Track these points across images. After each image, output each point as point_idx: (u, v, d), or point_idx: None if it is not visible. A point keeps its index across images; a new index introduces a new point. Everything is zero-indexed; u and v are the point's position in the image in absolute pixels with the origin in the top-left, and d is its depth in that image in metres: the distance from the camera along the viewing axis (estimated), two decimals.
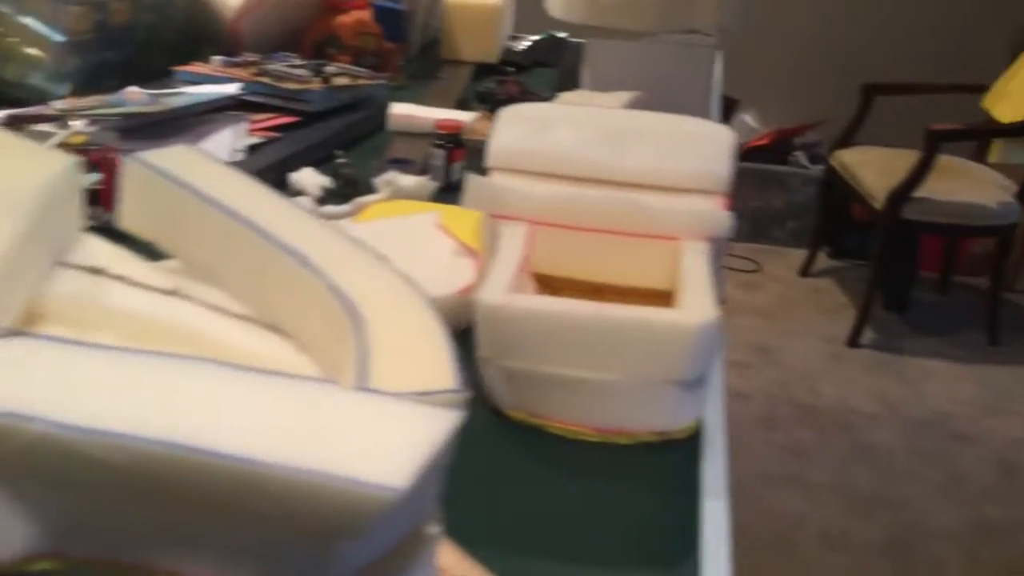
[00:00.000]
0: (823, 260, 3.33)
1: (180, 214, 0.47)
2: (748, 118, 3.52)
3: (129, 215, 0.50)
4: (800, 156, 3.35)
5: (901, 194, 2.55)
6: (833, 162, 2.97)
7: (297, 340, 0.46)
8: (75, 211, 0.50)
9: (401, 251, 0.81)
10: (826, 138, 3.28)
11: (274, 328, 0.46)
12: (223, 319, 0.46)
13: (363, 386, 0.39)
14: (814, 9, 3.48)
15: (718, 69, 1.77)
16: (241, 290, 0.47)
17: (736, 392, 2.55)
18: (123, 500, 0.35)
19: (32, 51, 1.22)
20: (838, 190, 2.98)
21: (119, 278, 0.47)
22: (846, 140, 2.99)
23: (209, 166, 0.49)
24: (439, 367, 0.41)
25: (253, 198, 0.47)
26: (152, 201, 0.49)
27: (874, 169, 2.75)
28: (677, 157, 0.78)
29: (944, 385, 2.62)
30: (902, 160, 2.67)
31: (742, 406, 2.48)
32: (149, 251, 0.53)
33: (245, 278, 0.46)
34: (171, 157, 0.48)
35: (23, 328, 0.44)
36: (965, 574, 1.91)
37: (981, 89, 2.90)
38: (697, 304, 0.63)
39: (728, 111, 3.29)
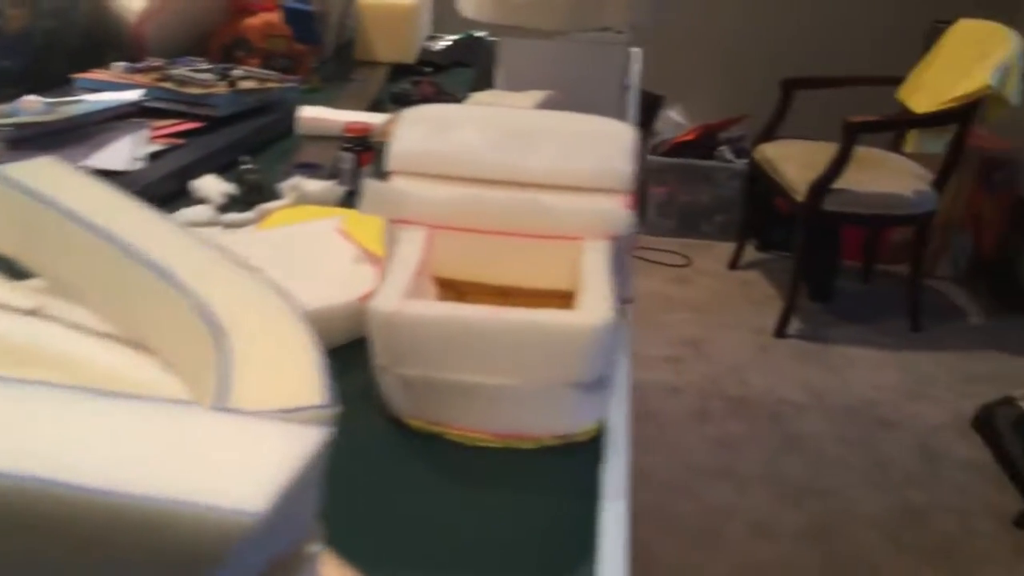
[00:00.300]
0: (751, 253, 3.38)
1: (40, 229, 0.45)
2: (674, 114, 3.55)
3: None
4: (725, 151, 3.40)
5: (821, 186, 2.59)
6: (756, 156, 3.01)
7: (162, 358, 0.44)
8: None
9: (302, 258, 0.80)
10: (750, 132, 3.33)
11: (139, 346, 0.45)
12: (86, 339, 0.44)
13: (222, 405, 0.38)
14: (735, 5, 3.52)
15: (636, 66, 1.77)
16: (105, 307, 0.45)
17: (669, 386, 2.57)
18: None
19: None
20: (762, 184, 3.02)
21: None
22: (768, 134, 3.04)
23: (71, 178, 0.46)
24: (306, 383, 0.39)
25: (117, 211, 0.45)
26: (11, 216, 0.46)
27: (795, 162, 2.80)
28: (579, 156, 0.77)
29: (868, 372, 2.67)
30: (822, 153, 2.72)
31: (674, 400, 2.51)
32: (16, 269, 0.51)
33: (108, 294, 0.44)
34: (31, 170, 0.46)
35: None
36: (890, 559, 1.95)
37: (897, 81, 2.97)
38: (594, 305, 0.62)
39: (653, 108, 3.32)
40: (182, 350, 0.42)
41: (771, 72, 3.23)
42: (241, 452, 0.35)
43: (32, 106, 1.06)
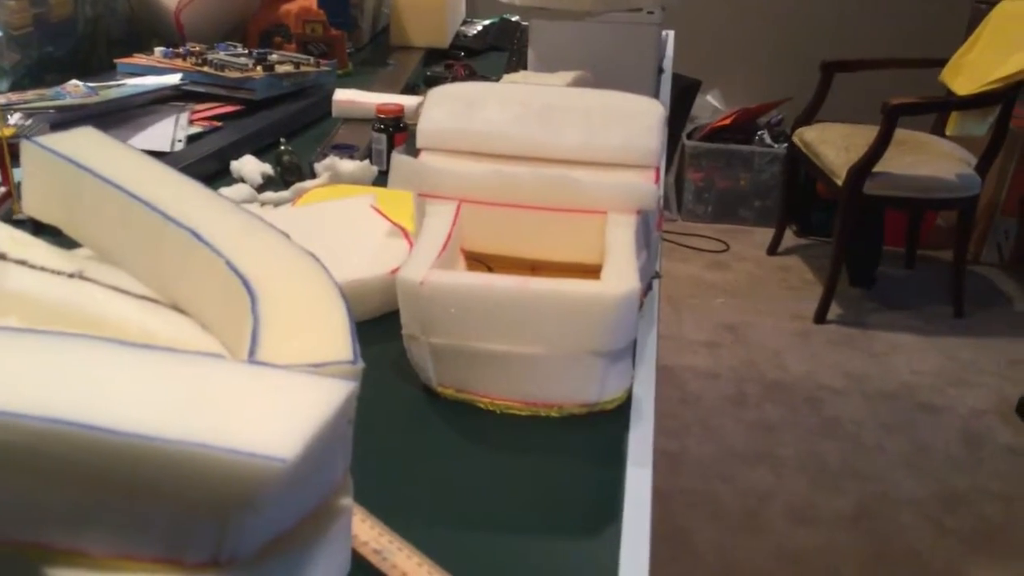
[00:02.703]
0: (790, 238, 3.35)
1: (80, 195, 0.47)
2: (711, 99, 3.53)
3: (32, 200, 0.50)
4: (764, 135, 3.37)
5: (861, 170, 2.56)
6: (795, 140, 2.98)
7: (199, 319, 0.46)
8: None
9: (335, 233, 0.81)
10: (789, 116, 3.30)
11: (177, 308, 0.46)
12: (126, 301, 0.46)
13: (252, 359, 0.39)
14: None
15: (669, 48, 1.77)
16: (143, 271, 0.47)
17: (706, 371, 2.56)
18: (13, 478, 0.35)
19: None
20: (802, 168, 2.99)
21: (20, 262, 0.47)
22: (807, 118, 3.01)
23: (108, 147, 0.48)
24: (333, 339, 0.41)
25: (151, 177, 0.47)
26: (54, 185, 0.48)
27: (835, 146, 2.77)
28: (606, 132, 0.78)
29: (909, 358, 2.64)
30: (862, 136, 2.69)
31: (712, 385, 2.50)
32: (65, 240, 0.53)
33: (145, 258, 0.46)
34: (70, 139, 0.48)
35: None
36: (932, 542, 1.93)
37: (939, 63, 2.92)
38: (618, 275, 0.63)
39: (691, 92, 3.30)
40: (217, 310, 0.44)
41: (810, 55, 3.20)
42: (272, 401, 0.36)
43: (75, 90, 1.09)
